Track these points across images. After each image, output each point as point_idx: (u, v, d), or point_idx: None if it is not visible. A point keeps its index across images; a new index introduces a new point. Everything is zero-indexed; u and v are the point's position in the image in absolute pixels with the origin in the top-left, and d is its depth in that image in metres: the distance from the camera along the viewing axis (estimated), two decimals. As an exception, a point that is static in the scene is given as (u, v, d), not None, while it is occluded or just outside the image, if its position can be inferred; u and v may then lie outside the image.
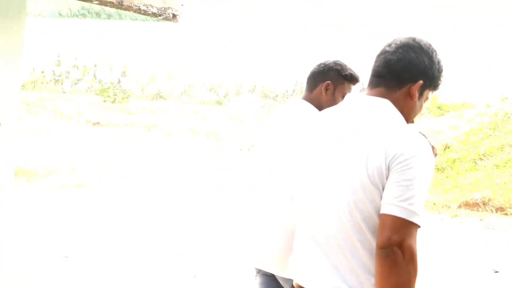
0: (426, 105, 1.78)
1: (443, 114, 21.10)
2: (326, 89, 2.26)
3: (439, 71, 1.61)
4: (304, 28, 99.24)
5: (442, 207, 10.27)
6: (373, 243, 1.44)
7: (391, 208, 1.39)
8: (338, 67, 2.30)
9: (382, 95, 1.55)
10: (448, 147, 12.82)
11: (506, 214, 9.46)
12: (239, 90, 56.05)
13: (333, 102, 2.15)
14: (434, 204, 10.41)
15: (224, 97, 52.43)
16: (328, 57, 2.48)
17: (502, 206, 9.66)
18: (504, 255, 6.89)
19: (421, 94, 1.59)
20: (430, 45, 1.61)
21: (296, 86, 53.68)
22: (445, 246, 7.37)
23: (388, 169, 1.41)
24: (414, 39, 1.59)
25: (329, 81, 2.26)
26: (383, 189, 1.42)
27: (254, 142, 21.28)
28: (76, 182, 11.12)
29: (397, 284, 1.37)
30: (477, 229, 8.81)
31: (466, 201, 10.14)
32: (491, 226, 8.99)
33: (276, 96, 53.61)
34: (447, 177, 11.59)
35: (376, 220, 1.43)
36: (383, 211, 1.40)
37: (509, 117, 13.00)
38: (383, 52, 1.60)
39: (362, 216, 1.44)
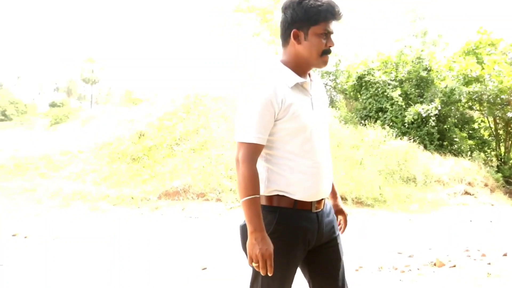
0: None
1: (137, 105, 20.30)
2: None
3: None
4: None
5: (141, 200, 9.15)
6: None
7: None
8: None
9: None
10: (143, 135, 11.78)
11: (207, 199, 8.87)
12: None
13: None
14: (132, 198, 9.22)
15: None
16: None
17: (202, 191, 9.04)
18: (211, 249, 6.05)
19: (299, 37, 2.06)
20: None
21: None
22: (148, 244, 6.20)
23: None
24: None
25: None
26: None
27: None
28: None
29: (238, 181, 1.99)
30: (180, 220, 7.93)
31: (166, 191, 9.22)
32: (194, 214, 8.24)
33: None
34: (144, 167, 10.52)
35: None
36: None
37: (200, 99, 12.71)
38: None
39: None
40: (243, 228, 2.09)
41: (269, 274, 1.95)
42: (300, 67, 2.09)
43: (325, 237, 2.17)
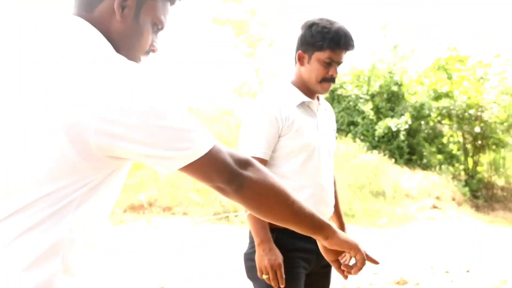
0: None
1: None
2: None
3: None
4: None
5: (106, 213, 8.91)
6: None
7: None
8: None
9: None
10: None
11: (173, 213, 8.71)
12: None
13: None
14: (97, 211, 8.98)
15: None
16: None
17: (169, 205, 8.89)
18: (171, 266, 5.92)
19: (303, 59, 2.09)
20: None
21: None
22: (107, 258, 6.02)
23: None
24: None
25: None
26: None
27: None
28: None
29: None
30: (144, 235, 7.75)
31: (132, 204, 9.03)
32: (159, 228, 8.08)
33: None
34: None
35: None
36: None
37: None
38: None
39: None
40: (247, 256, 2.06)
41: (281, 286, 1.88)
42: (305, 87, 2.10)
43: (326, 260, 2.13)
